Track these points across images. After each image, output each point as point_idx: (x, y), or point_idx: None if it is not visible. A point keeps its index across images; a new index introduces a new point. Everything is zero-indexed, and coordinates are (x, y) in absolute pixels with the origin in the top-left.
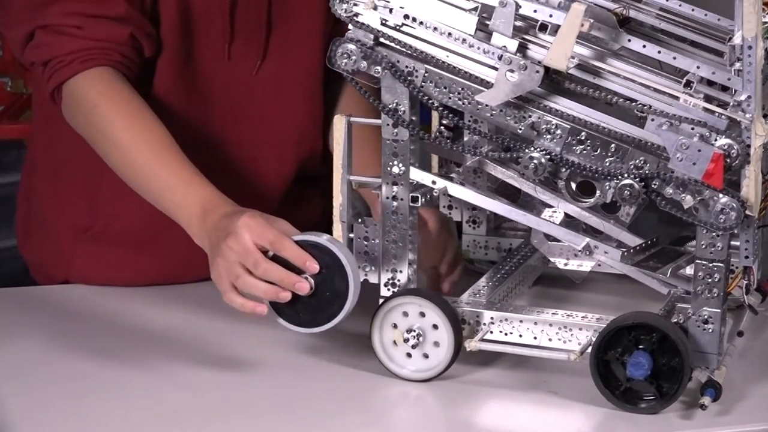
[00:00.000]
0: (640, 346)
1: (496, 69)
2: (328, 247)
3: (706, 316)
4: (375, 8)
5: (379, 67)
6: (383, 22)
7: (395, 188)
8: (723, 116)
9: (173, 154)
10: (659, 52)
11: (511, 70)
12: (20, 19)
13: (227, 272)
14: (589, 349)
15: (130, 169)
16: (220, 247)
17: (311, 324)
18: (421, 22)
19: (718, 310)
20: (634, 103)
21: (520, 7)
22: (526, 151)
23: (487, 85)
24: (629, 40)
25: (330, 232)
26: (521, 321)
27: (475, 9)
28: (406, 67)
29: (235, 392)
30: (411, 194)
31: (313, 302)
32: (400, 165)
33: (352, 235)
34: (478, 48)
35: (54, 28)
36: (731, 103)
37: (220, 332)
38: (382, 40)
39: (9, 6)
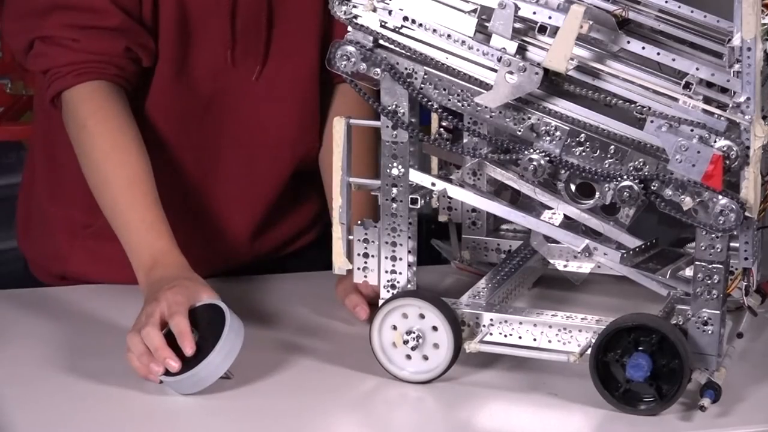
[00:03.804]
0: (640, 348)
1: (495, 71)
2: (219, 306)
3: (705, 318)
4: (374, 10)
5: (378, 69)
6: (382, 24)
7: (394, 190)
8: (722, 118)
9: (144, 193)
10: (658, 53)
11: (511, 72)
12: (21, 29)
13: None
14: (589, 351)
15: (102, 196)
16: (142, 309)
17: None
18: (421, 24)
19: (718, 312)
20: (633, 105)
21: (519, 8)
22: (526, 152)
23: (487, 86)
24: (628, 42)
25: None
26: (521, 323)
27: (475, 11)
28: (406, 68)
29: (235, 393)
30: (410, 196)
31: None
32: (400, 167)
33: (351, 237)
34: (478, 50)
35: (51, 39)
36: (730, 105)
37: None
38: (381, 42)
39: (11, 15)
